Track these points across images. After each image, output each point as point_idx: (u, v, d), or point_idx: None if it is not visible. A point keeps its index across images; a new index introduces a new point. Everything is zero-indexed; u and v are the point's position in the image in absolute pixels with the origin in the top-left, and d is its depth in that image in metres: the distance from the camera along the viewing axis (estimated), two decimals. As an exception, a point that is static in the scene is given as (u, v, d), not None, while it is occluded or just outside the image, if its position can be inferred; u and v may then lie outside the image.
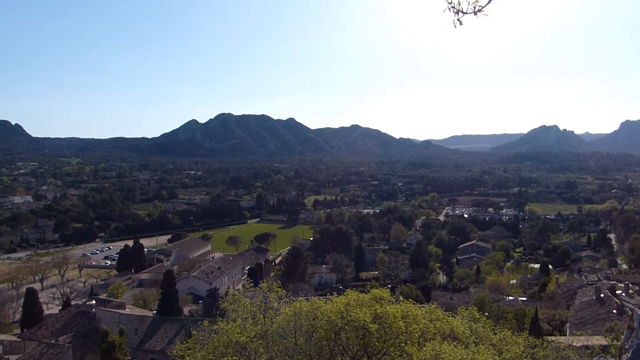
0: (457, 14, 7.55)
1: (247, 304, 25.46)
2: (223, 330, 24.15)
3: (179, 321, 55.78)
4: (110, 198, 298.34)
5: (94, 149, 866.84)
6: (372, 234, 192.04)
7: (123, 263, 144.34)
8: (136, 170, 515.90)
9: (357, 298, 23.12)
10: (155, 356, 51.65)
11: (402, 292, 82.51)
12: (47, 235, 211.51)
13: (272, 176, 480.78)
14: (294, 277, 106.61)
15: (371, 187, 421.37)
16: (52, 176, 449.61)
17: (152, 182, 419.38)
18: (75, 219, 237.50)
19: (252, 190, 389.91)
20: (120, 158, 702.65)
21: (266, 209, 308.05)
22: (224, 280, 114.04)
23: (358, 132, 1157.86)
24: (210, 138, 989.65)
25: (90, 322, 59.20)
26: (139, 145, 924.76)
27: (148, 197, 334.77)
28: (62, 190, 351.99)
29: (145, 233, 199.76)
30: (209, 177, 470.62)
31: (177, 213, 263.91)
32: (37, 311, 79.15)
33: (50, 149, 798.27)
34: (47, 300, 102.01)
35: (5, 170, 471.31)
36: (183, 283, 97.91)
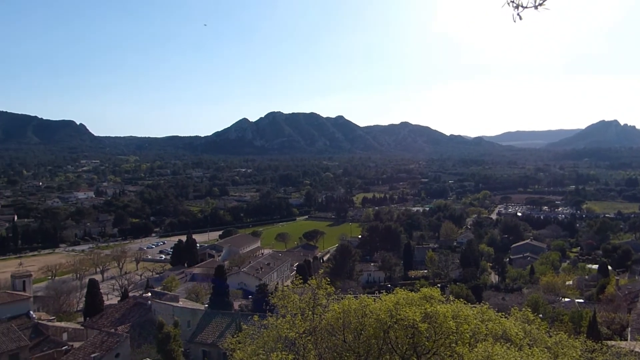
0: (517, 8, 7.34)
1: (296, 300, 25.70)
2: (273, 326, 24.51)
3: (229, 315, 56.97)
4: (165, 194, 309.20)
5: (150, 147, 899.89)
6: (422, 232, 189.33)
7: (177, 257, 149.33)
8: (189, 168, 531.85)
9: (406, 297, 22.89)
10: (207, 348, 53.02)
11: (452, 291, 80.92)
12: (107, 230, 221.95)
13: (321, 174, 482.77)
14: (341, 275, 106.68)
15: (421, 185, 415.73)
16: (112, 173, 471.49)
17: (205, 180, 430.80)
18: (133, 214, 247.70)
19: (301, 187, 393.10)
20: (175, 156, 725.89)
21: (315, 207, 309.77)
22: (273, 276, 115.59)
23: (408, 129, 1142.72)
24: (261, 136, 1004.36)
25: (146, 314, 61.61)
26: (192, 144, 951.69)
27: (200, 194, 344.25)
28: (120, 187, 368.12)
29: (197, 229, 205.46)
30: (259, 174, 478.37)
31: (228, 210, 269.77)
32: (98, 301, 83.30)
33: (111, 148, 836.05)
34: (107, 291, 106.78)
35: (71, 168, 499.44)
36: (233, 278, 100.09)
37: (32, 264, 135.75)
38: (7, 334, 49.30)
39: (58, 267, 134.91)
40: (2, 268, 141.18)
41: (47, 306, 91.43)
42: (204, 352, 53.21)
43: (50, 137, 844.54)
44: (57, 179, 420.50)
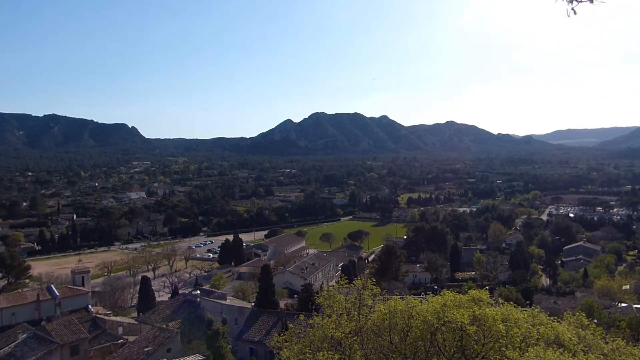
0: (571, 2, 7.22)
1: (342, 300, 25.87)
2: (319, 325, 24.76)
3: (275, 314, 57.79)
4: (213, 195, 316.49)
5: (198, 148, 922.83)
6: (469, 233, 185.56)
7: (224, 256, 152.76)
8: (235, 169, 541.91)
9: (454, 299, 22.65)
10: (254, 346, 54.00)
11: (501, 294, 78.99)
12: (158, 229, 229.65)
13: (365, 174, 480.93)
14: (387, 275, 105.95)
15: (467, 185, 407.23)
16: (162, 174, 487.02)
17: (250, 180, 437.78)
18: (182, 214, 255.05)
19: (345, 188, 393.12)
20: (221, 157, 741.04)
21: (359, 207, 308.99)
22: (318, 276, 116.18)
23: (453, 129, 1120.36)
24: (305, 137, 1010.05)
25: (195, 311, 63.45)
26: (238, 145, 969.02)
27: (246, 194, 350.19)
28: (170, 187, 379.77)
29: (243, 228, 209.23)
30: (303, 175, 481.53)
31: (273, 210, 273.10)
32: (150, 297, 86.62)
33: (161, 149, 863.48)
34: (158, 288, 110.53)
35: (124, 169, 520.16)
36: (279, 277, 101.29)
37: (90, 261, 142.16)
38: (68, 326, 51.99)
39: (113, 264, 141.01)
40: (63, 264, 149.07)
41: (104, 301, 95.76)
42: (251, 350, 54.20)
43: (105, 140, 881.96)
44: (112, 179, 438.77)
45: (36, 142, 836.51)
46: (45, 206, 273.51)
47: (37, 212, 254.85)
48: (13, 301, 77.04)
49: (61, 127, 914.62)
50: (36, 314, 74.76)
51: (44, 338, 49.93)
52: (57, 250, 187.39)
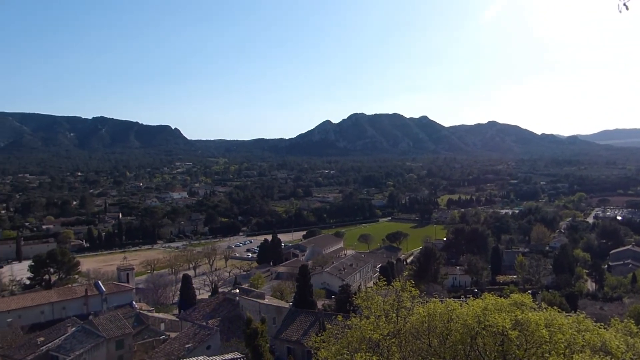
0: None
1: (380, 301, 25.70)
2: (356, 326, 24.70)
3: (313, 314, 57.86)
4: (252, 195, 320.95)
5: (238, 149, 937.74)
6: (511, 235, 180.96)
7: (263, 256, 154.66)
8: (274, 169, 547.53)
9: (495, 302, 22.13)
10: (292, 346, 54.25)
11: (545, 298, 76.63)
12: (199, 228, 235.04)
13: (404, 175, 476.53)
14: (426, 278, 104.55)
15: (510, 186, 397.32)
16: (203, 174, 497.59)
17: (289, 181, 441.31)
18: (222, 213, 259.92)
19: (384, 189, 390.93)
20: (261, 158, 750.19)
21: (398, 208, 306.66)
22: (356, 277, 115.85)
23: (495, 129, 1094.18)
24: (343, 138, 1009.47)
25: (234, 309, 64.39)
26: (277, 146, 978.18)
27: (285, 195, 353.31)
28: (211, 188, 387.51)
29: (282, 228, 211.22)
30: (341, 175, 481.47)
31: (312, 210, 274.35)
32: (191, 295, 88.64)
33: (202, 150, 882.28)
34: (198, 286, 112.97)
35: (167, 170, 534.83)
36: (317, 278, 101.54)
37: (134, 259, 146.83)
38: (114, 321, 53.83)
39: (156, 262, 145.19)
40: (109, 261, 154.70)
41: (147, 298, 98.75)
42: (288, 349, 54.51)
43: (149, 141, 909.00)
44: (155, 180, 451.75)
45: (85, 143, 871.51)
46: (94, 205, 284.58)
47: (86, 211, 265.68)
48: (64, 295, 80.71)
49: (108, 129, 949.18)
50: (84, 309, 78.01)
51: (92, 332, 51.88)
52: (103, 248, 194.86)
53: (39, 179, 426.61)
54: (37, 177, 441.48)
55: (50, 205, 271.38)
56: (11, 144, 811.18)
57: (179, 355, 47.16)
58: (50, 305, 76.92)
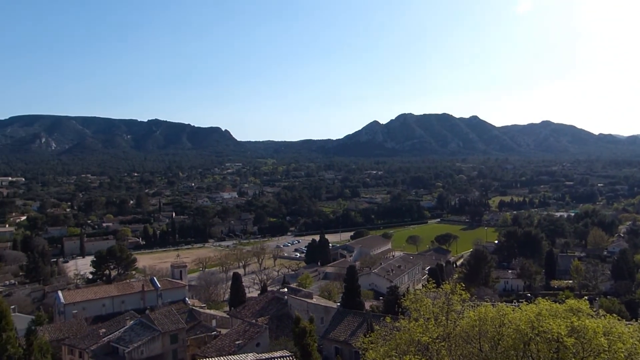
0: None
1: (429, 304, 25.51)
2: (405, 329, 24.64)
3: (360, 315, 57.91)
4: (300, 195, 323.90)
5: (286, 150, 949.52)
6: (566, 239, 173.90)
7: (310, 256, 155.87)
8: (322, 170, 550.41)
9: (549, 308, 21.53)
10: (339, 346, 54.53)
11: (603, 305, 73.35)
12: (248, 227, 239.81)
13: (454, 176, 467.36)
14: (476, 281, 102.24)
15: (565, 188, 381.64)
16: (252, 175, 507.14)
17: (337, 181, 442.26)
18: (271, 213, 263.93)
19: (433, 190, 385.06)
20: (309, 159, 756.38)
21: (447, 209, 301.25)
22: (404, 278, 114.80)
23: (549, 129, 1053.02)
24: (391, 138, 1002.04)
25: (283, 308, 65.41)
26: (324, 147, 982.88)
27: (333, 195, 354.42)
28: (260, 188, 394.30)
29: (329, 229, 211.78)
30: (389, 176, 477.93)
31: (359, 211, 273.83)
32: (241, 293, 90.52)
33: (251, 151, 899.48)
34: (248, 284, 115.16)
35: (217, 170, 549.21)
36: (364, 279, 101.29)
37: (187, 256, 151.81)
38: (168, 316, 55.97)
39: (207, 260, 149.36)
40: (164, 258, 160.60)
41: (199, 294, 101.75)
42: (336, 349, 54.80)
43: (201, 143, 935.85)
44: (206, 180, 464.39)
45: (141, 145, 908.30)
46: (149, 204, 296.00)
47: (142, 210, 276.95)
48: (122, 290, 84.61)
49: (162, 131, 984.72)
50: (141, 303, 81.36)
51: (148, 325, 54.18)
52: (158, 245, 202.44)
53: (100, 179, 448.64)
54: (97, 177, 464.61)
55: (109, 204, 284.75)
56: (75, 146, 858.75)
57: (230, 351, 48.39)
58: (110, 299, 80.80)
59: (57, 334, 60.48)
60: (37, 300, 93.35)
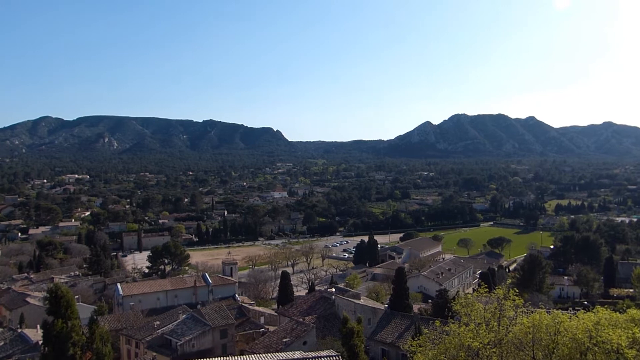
0: None
1: (481, 309, 24.90)
2: (455, 333, 24.17)
3: (409, 317, 57.21)
4: (349, 196, 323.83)
5: (336, 151, 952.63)
6: (627, 245, 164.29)
7: (359, 257, 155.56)
8: (372, 171, 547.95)
9: (609, 317, 20.52)
10: (386, 347, 54.08)
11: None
12: (297, 227, 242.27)
13: (508, 178, 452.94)
14: (530, 287, 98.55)
15: (627, 192, 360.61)
16: (302, 175, 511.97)
17: (387, 182, 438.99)
18: (320, 213, 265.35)
19: (486, 192, 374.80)
20: (359, 159, 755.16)
21: (501, 212, 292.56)
22: (454, 282, 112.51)
23: (611, 130, 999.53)
24: (444, 139, 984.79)
25: (330, 307, 65.59)
26: (375, 147, 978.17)
27: (382, 196, 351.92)
28: (310, 188, 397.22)
29: (379, 230, 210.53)
30: (441, 178, 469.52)
31: (409, 212, 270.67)
32: (289, 292, 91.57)
33: (302, 152, 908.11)
34: (296, 283, 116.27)
35: (269, 170, 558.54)
36: (413, 281, 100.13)
37: (237, 254, 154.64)
38: (219, 311, 57.49)
39: (257, 258, 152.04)
40: (215, 255, 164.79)
41: (248, 291, 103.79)
42: (382, 351, 54.40)
43: (253, 143, 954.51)
44: (258, 179, 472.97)
45: (196, 144, 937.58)
46: (202, 202, 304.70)
47: (196, 208, 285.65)
48: (176, 285, 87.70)
49: (217, 132, 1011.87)
50: (193, 298, 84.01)
51: (200, 320, 55.85)
52: (210, 243, 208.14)
53: (157, 177, 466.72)
54: (155, 175, 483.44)
55: (165, 201, 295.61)
56: (134, 146, 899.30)
57: (277, 348, 49.02)
58: (164, 292, 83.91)
59: (115, 324, 63.41)
60: (98, 291, 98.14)
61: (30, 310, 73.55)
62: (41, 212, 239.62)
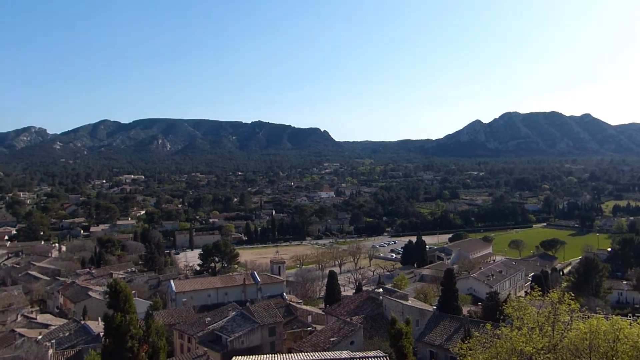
0: None
1: (534, 312, 24.31)
2: (507, 337, 23.73)
3: (458, 320, 56.27)
4: (397, 196, 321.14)
5: (383, 150, 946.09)
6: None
7: (406, 257, 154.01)
8: (420, 171, 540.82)
9: (673, 325, 19.51)
10: (435, 350, 53.39)
11: None
12: (344, 227, 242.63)
13: (562, 178, 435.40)
14: (586, 291, 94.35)
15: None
16: (349, 175, 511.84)
17: (435, 182, 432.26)
18: (367, 214, 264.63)
19: (539, 192, 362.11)
20: (406, 159, 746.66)
21: (554, 213, 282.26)
22: (505, 284, 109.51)
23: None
24: (494, 138, 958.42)
25: (377, 308, 65.36)
26: (423, 147, 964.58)
27: (431, 197, 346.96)
28: (357, 188, 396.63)
29: (427, 230, 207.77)
30: (491, 177, 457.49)
31: (458, 213, 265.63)
32: (336, 291, 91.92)
33: (349, 152, 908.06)
34: (343, 283, 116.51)
35: (316, 170, 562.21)
36: (462, 283, 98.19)
37: (285, 253, 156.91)
38: (267, 309, 58.54)
39: (304, 257, 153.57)
40: (263, 254, 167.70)
41: (296, 290, 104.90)
42: (431, 353, 53.75)
43: (300, 143, 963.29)
44: (305, 179, 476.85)
45: (245, 145, 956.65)
46: (251, 202, 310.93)
47: (245, 207, 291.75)
48: (226, 282, 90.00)
49: (265, 132, 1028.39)
50: (242, 296, 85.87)
51: (249, 317, 57.07)
52: (258, 242, 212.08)
53: (207, 177, 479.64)
54: (205, 175, 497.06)
55: (215, 201, 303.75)
56: (186, 147, 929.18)
57: (325, 347, 49.37)
58: (215, 290, 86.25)
59: (169, 319, 65.75)
60: (152, 287, 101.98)
61: (92, 303, 77.73)
62: (101, 210, 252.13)
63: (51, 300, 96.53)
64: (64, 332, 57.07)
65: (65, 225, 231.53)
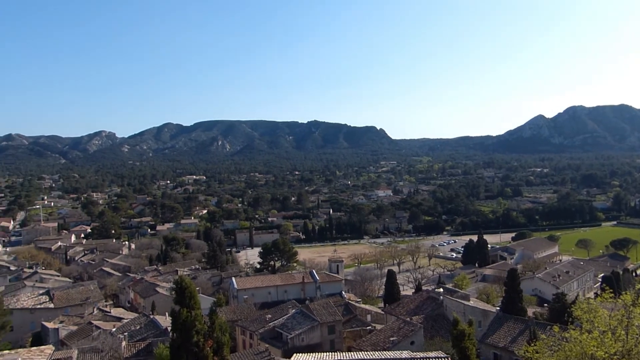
0: None
1: (605, 315, 23.27)
2: (576, 340, 22.92)
3: (523, 321, 54.53)
4: (456, 194, 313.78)
5: (442, 148, 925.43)
6: None
7: (467, 257, 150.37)
8: (480, 168, 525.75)
9: None
10: (498, 352, 51.99)
11: None
12: (402, 226, 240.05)
13: (634, 174, 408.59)
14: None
15: None
16: (407, 173, 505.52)
17: (496, 180, 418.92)
18: (426, 212, 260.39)
19: (608, 189, 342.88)
20: (466, 156, 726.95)
21: (625, 211, 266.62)
22: (573, 285, 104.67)
23: None
24: (559, 133, 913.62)
25: (438, 308, 64.34)
26: (483, 143, 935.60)
27: (492, 194, 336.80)
28: (414, 186, 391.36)
29: (488, 229, 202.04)
30: (556, 174, 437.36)
31: (521, 211, 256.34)
32: (395, 291, 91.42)
33: (406, 150, 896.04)
34: (402, 282, 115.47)
35: (372, 169, 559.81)
36: (527, 283, 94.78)
37: (343, 252, 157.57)
38: (326, 307, 59.19)
39: (362, 256, 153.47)
40: (321, 252, 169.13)
41: (354, 289, 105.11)
42: (494, 355, 52.38)
43: (356, 142, 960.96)
44: (362, 178, 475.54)
45: (301, 145, 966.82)
46: (308, 201, 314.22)
47: (302, 206, 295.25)
48: (285, 280, 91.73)
49: (321, 132, 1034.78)
50: (301, 294, 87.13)
51: (308, 315, 57.95)
52: (316, 240, 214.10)
53: (265, 177, 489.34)
54: (264, 175, 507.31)
55: (274, 200, 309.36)
56: (245, 147, 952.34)
57: (384, 346, 49.26)
58: (275, 287, 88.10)
59: (231, 316, 67.87)
60: (215, 284, 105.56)
61: (159, 299, 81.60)
62: (166, 210, 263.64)
63: (123, 295, 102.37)
64: (135, 325, 60.34)
65: (133, 224, 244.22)
